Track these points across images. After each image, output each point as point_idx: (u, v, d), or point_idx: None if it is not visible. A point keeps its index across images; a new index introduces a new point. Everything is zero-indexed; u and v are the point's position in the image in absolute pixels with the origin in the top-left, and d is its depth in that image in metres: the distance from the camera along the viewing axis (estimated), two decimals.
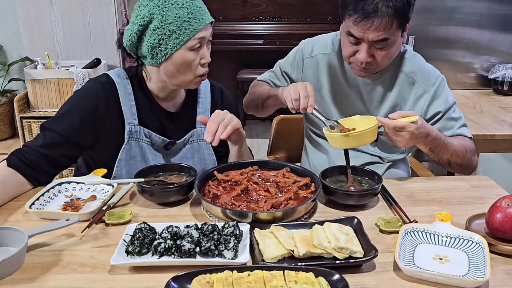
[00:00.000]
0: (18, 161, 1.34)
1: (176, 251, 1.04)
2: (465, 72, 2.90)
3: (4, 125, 3.33)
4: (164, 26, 1.31)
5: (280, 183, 1.35)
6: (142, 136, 1.47)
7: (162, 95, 1.48)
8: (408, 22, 1.44)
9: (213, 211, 1.23)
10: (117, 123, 1.44)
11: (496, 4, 2.78)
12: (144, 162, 1.48)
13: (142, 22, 1.32)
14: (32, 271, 1.02)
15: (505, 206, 1.12)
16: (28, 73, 2.99)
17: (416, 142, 1.40)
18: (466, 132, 1.58)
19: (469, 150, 1.53)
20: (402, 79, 1.58)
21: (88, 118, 1.40)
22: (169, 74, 1.39)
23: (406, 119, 1.34)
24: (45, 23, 3.20)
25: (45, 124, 1.40)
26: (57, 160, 1.39)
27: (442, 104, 1.56)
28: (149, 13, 1.31)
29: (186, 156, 1.55)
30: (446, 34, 2.82)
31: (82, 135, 1.40)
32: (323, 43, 1.66)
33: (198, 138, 1.56)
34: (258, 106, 1.74)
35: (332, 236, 1.05)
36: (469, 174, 1.60)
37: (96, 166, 1.48)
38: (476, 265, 1.02)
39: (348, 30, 1.42)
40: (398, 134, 1.35)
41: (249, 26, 4.36)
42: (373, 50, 1.43)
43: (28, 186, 1.37)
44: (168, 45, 1.33)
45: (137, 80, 1.47)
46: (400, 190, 1.40)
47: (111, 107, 1.42)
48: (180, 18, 1.31)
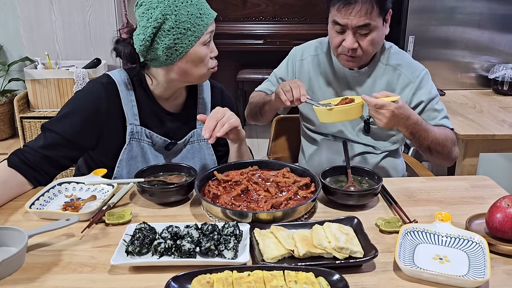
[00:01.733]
0: (18, 161, 1.33)
1: (176, 251, 1.04)
2: (465, 72, 2.90)
3: (4, 125, 3.32)
4: (179, 25, 1.32)
5: (280, 183, 1.35)
6: (143, 137, 1.47)
7: (166, 95, 1.49)
8: (389, 13, 1.56)
9: (213, 211, 1.23)
10: (119, 124, 1.44)
11: (496, 4, 2.78)
12: (145, 162, 1.48)
13: (155, 24, 1.31)
14: (32, 271, 1.02)
15: (505, 206, 1.12)
16: (28, 73, 2.99)
17: (397, 123, 1.44)
18: (447, 123, 1.65)
19: (450, 140, 1.59)
20: (389, 70, 1.66)
21: (90, 119, 1.40)
22: (183, 72, 1.40)
23: (388, 99, 1.40)
24: (45, 23, 3.19)
25: (46, 124, 1.40)
26: (58, 161, 1.38)
27: (426, 94, 1.63)
28: (161, 14, 1.31)
29: (187, 156, 1.55)
30: (446, 34, 2.82)
31: (84, 137, 1.40)
32: (312, 46, 1.78)
33: (199, 139, 1.56)
34: (256, 114, 1.81)
35: (332, 236, 1.06)
36: (449, 165, 1.68)
37: (96, 166, 1.48)
38: (476, 265, 1.02)
39: (333, 19, 1.53)
40: (379, 112, 1.40)
41: (249, 26, 4.36)
42: (358, 37, 1.52)
43: (28, 186, 1.36)
44: (184, 43, 1.34)
45: (139, 81, 1.47)
46: (400, 190, 1.40)
47: (112, 108, 1.42)
48: (193, 15, 1.34)
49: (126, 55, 1.41)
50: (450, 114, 2.34)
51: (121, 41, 1.43)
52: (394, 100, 1.40)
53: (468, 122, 2.25)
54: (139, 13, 1.36)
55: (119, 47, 1.42)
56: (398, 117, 1.41)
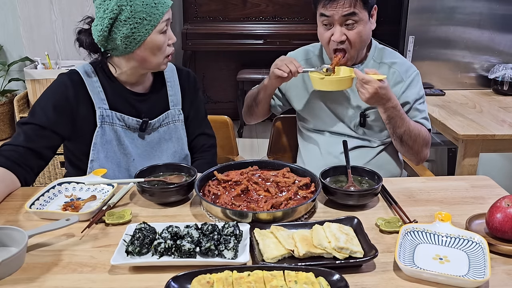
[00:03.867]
0: (5, 159, 1.36)
1: (176, 251, 1.04)
2: (465, 72, 2.90)
3: (4, 125, 3.33)
4: (134, 15, 1.37)
5: (280, 183, 1.35)
6: (115, 120, 1.51)
7: (131, 81, 1.54)
8: (375, 8, 1.63)
9: (213, 211, 1.23)
10: (89, 110, 1.49)
11: (496, 4, 2.77)
12: (121, 145, 1.52)
13: (112, 15, 1.36)
14: (32, 271, 1.02)
15: (505, 206, 1.12)
16: (28, 73, 2.99)
17: (377, 101, 1.54)
18: (426, 123, 1.71)
19: (422, 137, 1.65)
20: (384, 68, 1.72)
21: (60, 106, 1.45)
22: (142, 59, 1.45)
23: (375, 76, 1.51)
24: (45, 23, 3.20)
25: (21, 121, 1.46)
26: (40, 153, 1.42)
27: (414, 94, 1.70)
28: (117, 5, 1.36)
29: (164, 138, 1.60)
30: (446, 34, 2.82)
31: (59, 123, 1.45)
32: (304, 51, 1.83)
33: (174, 119, 1.62)
34: (252, 106, 1.83)
35: (332, 236, 1.06)
36: (417, 164, 1.75)
37: (77, 159, 1.52)
38: (476, 265, 1.02)
39: (321, 13, 1.60)
40: (364, 87, 1.50)
41: (249, 26, 4.36)
42: (345, 30, 1.59)
43: (18, 184, 1.38)
44: (141, 32, 1.39)
45: (102, 70, 1.52)
46: (400, 190, 1.40)
47: (80, 94, 1.48)
48: (148, 5, 1.38)
49: (87, 45, 1.47)
50: (450, 114, 2.36)
51: (82, 31, 1.48)
52: (381, 79, 1.50)
53: (468, 122, 2.25)
54: (96, 4, 1.41)
55: (81, 37, 1.47)
56: (380, 96, 1.51)
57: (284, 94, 1.82)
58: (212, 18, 4.35)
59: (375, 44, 1.73)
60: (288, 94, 1.81)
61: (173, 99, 1.62)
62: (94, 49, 1.48)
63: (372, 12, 1.63)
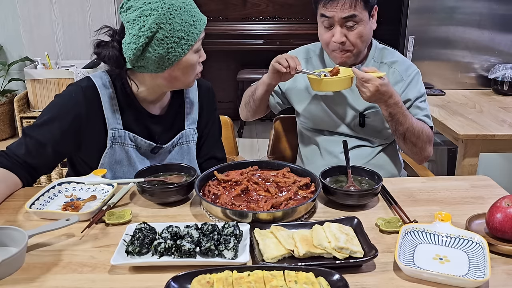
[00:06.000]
0: (6, 160, 1.35)
1: (176, 251, 1.04)
2: (465, 72, 2.90)
3: (4, 125, 3.33)
4: (173, 34, 1.29)
5: (280, 183, 1.35)
6: (127, 141, 1.44)
7: (150, 98, 1.45)
8: (375, 8, 1.63)
9: (213, 211, 1.23)
10: (99, 129, 1.41)
11: (496, 4, 2.78)
12: (131, 166, 1.46)
13: (148, 33, 1.26)
14: (32, 271, 1.02)
15: (505, 206, 1.12)
16: (28, 73, 2.99)
17: (379, 99, 1.52)
18: (427, 120, 1.70)
19: (426, 134, 1.64)
20: (384, 67, 1.72)
21: (69, 127, 1.37)
22: (171, 78, 1.37)
23: (375, 74, 1.50)
24: (45, 23, 3.20)
25: (27, 130, 1.38)
26: (39, 168, 1.40)
27: (415, 92, 1.69)
28: (155, 23, 1.26)
29: (175, 158, 1.53)
30: (446, 34, 2.82)
31: (63, 144, 1.39)
32: (305, 50, 1.82)
33: (187, 139, 1.54)
34: (249, 102, 1.81)
35: (332, 236, 1.06)
36: (420, 163, 1.73)
37: (81, 170, 1.48)
38: (476, 265, 1.02)
39: (321, 13, 1.60)
40: (365, 86, 1.49)
41: (249, 26, 4.36)
42: (345, 31, 1.58)
43: (19, 185, 1.38)
44: (177, 52, 1.31)
45: (121, 84, 1.42)
46: (400, 190, 1.40)
47: (92, 112, 1.39)
48: (187, 23, 1.31)
49: (111, 60, 1.34)
50: (450, 114, 2.36)
51: (102, 44, 1.36)
52: (380, 76, 1.49)
53: (468, 122, 2.25)
54: (128, 19, 1.29)
55: (102, 51, 1.35)
56: (381, 93, 1.50)
57: (284, 92, 1.82)
58: (212, 18, 4.35)
59: (375, 44, 1.73)
60: (288, 93, 1.81)
61: (190, 117, 1.55)
62: (117, 64, 1.35)
63: (373, 12, 1.63)
